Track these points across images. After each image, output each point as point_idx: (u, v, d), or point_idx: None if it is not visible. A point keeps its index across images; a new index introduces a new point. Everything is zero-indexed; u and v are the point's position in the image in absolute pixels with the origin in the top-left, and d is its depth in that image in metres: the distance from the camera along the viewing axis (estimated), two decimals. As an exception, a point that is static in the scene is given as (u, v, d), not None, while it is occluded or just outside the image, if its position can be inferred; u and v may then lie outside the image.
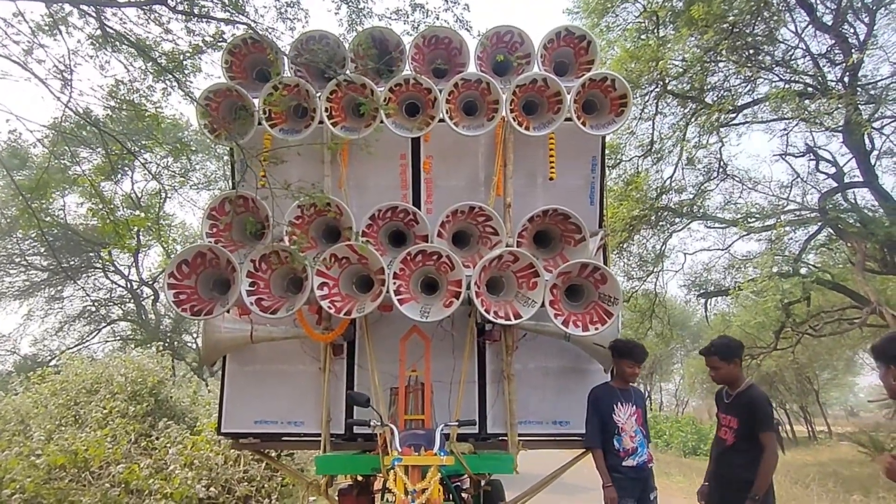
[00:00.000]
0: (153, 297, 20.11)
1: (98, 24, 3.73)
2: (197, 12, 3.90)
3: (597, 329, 3.49)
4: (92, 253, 18.31)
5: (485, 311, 3.44)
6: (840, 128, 10.57)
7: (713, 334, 18.72)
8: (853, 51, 9.96)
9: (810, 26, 10.70)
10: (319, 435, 3.94)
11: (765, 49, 11.06)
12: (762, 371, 20.21)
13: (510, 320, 3.47)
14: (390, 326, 4.05)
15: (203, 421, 7.85)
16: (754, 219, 12.65)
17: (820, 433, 24.75)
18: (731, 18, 10.07)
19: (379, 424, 3.37)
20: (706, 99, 11.83)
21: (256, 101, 3.90)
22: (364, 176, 4.21)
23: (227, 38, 3.98)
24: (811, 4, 10.27)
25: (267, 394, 4.16)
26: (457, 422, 3.54)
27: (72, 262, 17.85)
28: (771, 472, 3.27)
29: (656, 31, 11.20)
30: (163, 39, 4.01)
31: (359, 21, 4.38)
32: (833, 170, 12.14)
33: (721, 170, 13.03)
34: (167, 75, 3.95)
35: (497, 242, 3.75)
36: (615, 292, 3.53)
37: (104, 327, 20.49)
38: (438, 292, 3.64)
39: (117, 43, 3.98)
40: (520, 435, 3.91)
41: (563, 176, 4.12)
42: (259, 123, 3.90)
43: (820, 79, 10.76)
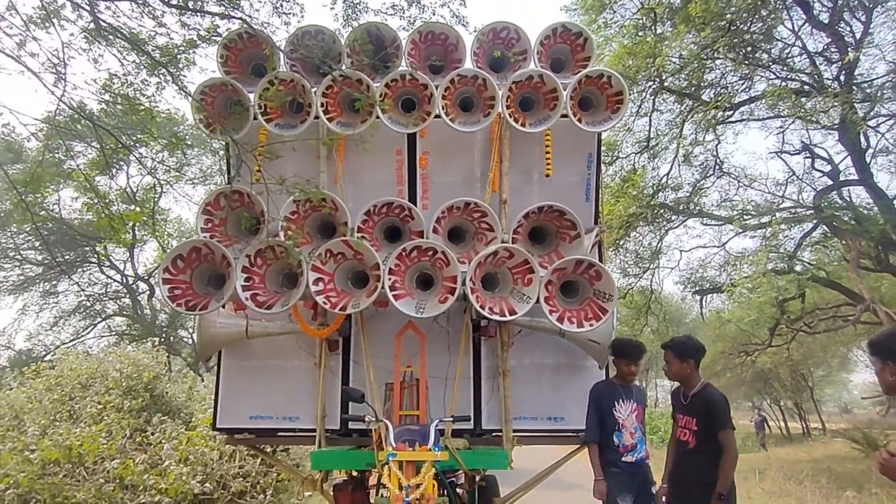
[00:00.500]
0: (149, 293, 20.06)
1: (91, 18, 3.69)
2: (191, 6, 3.88)
3: (591, 325, 3.50)
4: (87, 248, 18.23)
5: (480, 308, 3.44)
6: (836, 126, 10.60)
7: (709, 331, 18.88)
8: (849, 49, 9.98)
9: (807, 24, 10.71)
10: (314, 430, 3.95)
11: (762, 47, 11.07)
12: (757, 368, 20.32)
13: (505, 316, 3.47)
14: (386, 322, 4.06)
15: (199, 416, 7.84)
16: (750, 216, 12.69)
17: (814, 430, 24.91)
18: (729, 16, 10.07)
19: (374, 420, 3.38)
20: (703, 96, 11.84)
21: (252, 96, 3.88)
22: (360, 171, 4.20)
23: (222, 33, 3.96)
24: (808, 2, 10.27)
25: (262, 389, 4.17)
26: (451, 417, 3.55)
27: (67, 257, 17.78)
28: (732, 470, 3.35)
29: (654, 28, 11.19)
30: (157, 34, 3.98)
31: (354, 16, 4.35)
32: (829, 167, 12.19)
33: (717, 167, 13.05)
34: (161, 69, 3.93)
35: (492, 238, 3.75)
36: (610, 289, 3.54)
37: (99, 322, 20.44)
38: (434, 288, 3.64)
39: (111, 36, 3.95)
40: (514, 431, 3.93)
41: (559, 172, 4.11)
42: (255, 118, 3.88)
43: (816, 77, 10.79)
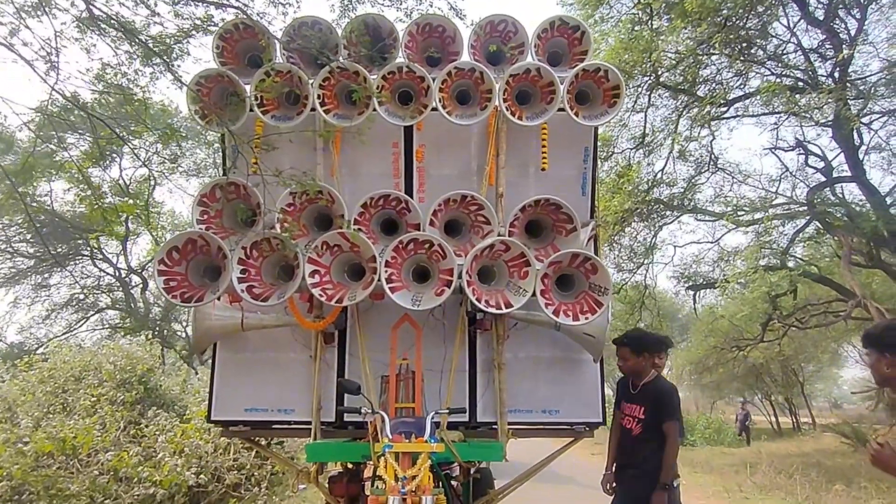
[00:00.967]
0: (142, 286, 19.97)
1: (84, 6, 3.66)
2: (186, -5, 3.85)
3: (587, 318, 3.50)
4: (80, 240, 18.12)
5: (476, 300, 3.45)
6: (830, 122, 10.66)
7: (701, 326, 19.00)
8: (843, 46, 10.02)
9: (802, 21, 10.75)
10: (310, 423, 3.94)
11: (757, 43, 11.09)
12: (749, 363, 20.47)
13: (501, 309, 3.48)
14: (381, 315, 4.05)
15: (193, 409, 7.83)
16: (743, 212, 12.76)
17: (804, 424, 25.16)
18: (725, 12, 10.08)
19: (370, 412, 3.39)
20: (698, 92, 11.86)
21: (248, 87, 3.86)
22: (356, 164, 4.19)
23: (217, 23, 3.93)
24: (804, -1, 10.32)
25: (257, 382, 4.15)
26: (447, 409, 3.56)
27: (59, 250, 17.67)
28: (674, 459, 3.47)
29: (650, 23, 11.19)
30: (151, 23, 3.95)
31: (351, 7, 4.34)
32: (822, 164, 12.25)
33: (712, 163, 13.10)
34: (155, 59, 3.90)
35: (489, 232, 3.74)
36: (606, 282, 3.54)
37: (92, 315, 20.34)
38: (430, 281, 3.64)
39: (104, 26, 3.91)
40: (509, 423, 3.93)
41: (556, 166, 4.10)
42: (251, 110, 3.86)
43: (811, 73, 10.83)
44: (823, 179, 12.08)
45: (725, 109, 12.08)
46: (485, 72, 3.84)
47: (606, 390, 5.19)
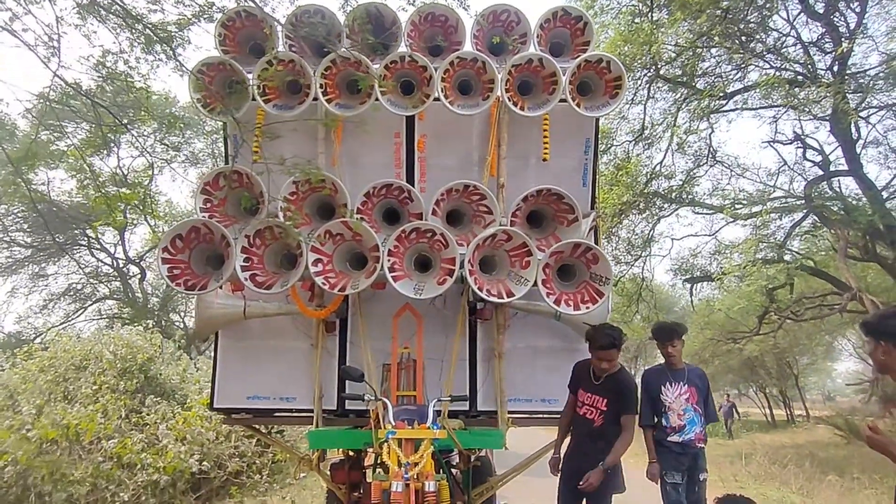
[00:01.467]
0: (140, 276, 19.94)
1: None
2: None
3: (588, 308, 3.54)
4: (77, 230, 18.07)
5: (478, 289, 3.48)
6: (828, 116, 10.68)
7: (698, 319, 19.08)
8: (843, 39, 10.02)
9: (802, 14, 10.74)
10: (311, 411, 3.98)
11: (757, 36, 11.09)
12: (744, 355, 20.61)
13: (503, 298, 3.51)
14: (383, 304, 4.08)
15: (193, 398, 7.87)
16: (741, 205, 12.80)
17: (798, 417, 25.37)
18: (725, 4, 10.06)
19: (372, 399, 3.42)
20: (697, 85, 11.86)
21: (250, 76, 3.85)
22: (358, 153, 4.19)
23: (220, 10, 3.92)
24: (804, -8, 10.30)
25: (260, 370, 4.18)
26: (449, 397, 3.59)
27: (57, 239, 17.62)
28: (624, 451, 3.51)
29: (650, 15, 11.16)
30: (151, 11, 3.93)
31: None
32: (820, 158, 12.29)
33: (710, 156, 13.13)
34: (156, 46, 3.89)
35: (491, 221, 3.77)
36: (606, 272, 3.57)
37: (90, 305, 20.32)
38: (432, 270, 3.66)
39: (104, 12, 3.90)
40: (509, 412, 3.98)
41: (557, 157, 4.12)
42: (253, 99, 3.86)
43: (810, 67, 10.83)
44: (821, 173, 12.12)
45: (724, 102, 12.08)
46: (487, 62, 3.84)
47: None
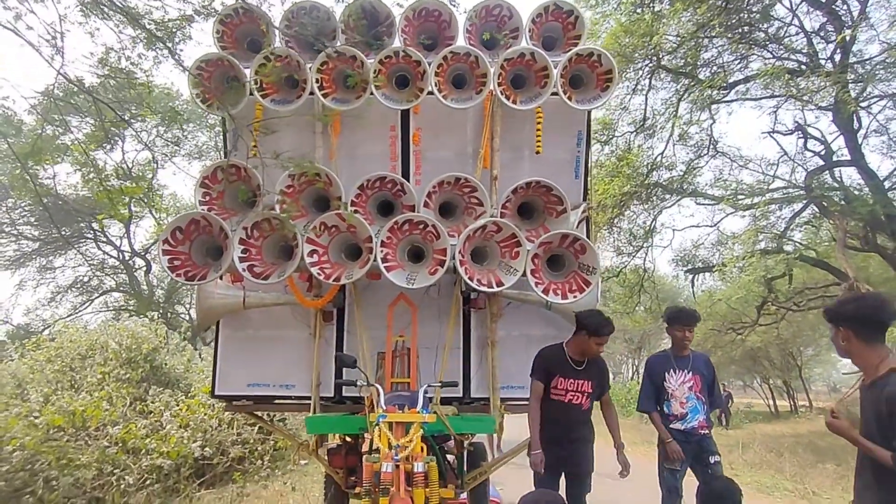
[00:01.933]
0: (145, 268, 20.15)
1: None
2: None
3: (575, 297, 3.62)
4: (83, 223, 18.26)
5: (469, 279, 3.57)
6: (830, 106, 10.65)
7: (700, 310, 19.02)
8: (845, 28, 9.98)
9: (804, 4, 10.69)
10: (309, 398, 4.09)
11: (758, 25, 11.03)
12: (747, 346, 20.63)
13: (492, 288, 3.60)
14: (378, 294, 4.18)
15: (197, 387, 8.03)
16: (743, 195, 12.80)
17: (801, 407, 25.42)
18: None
19: (365, 384, 3.53)
20: (699, 75, 11.83)
21: (248, 71, 3.93)
22: (355, 147, 4.27)
23: (218, 7, 4.00)
24: (806, -20, 10.25)
25: (259, 358, 4.29)
26: (439, 383, 3.69)
27: (63, 232, 17.82)
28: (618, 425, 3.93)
29: (651, 5, 11.13)
30: (152, 9, 4.01)
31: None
32: (821, 148, 12.26)
33: (711, 146, 13.12)
34: (157, 43, 3.97)
35: (482, 213, 3.84)
36: (594, 262, 3.65)
37: (96, 297, 20.58)
38: (424, 260, 3.75)
39: (106, 10, 3.99)
40: (502, 399, 4.07)
41: (550, 149, 4.18)
42: (251, 94, 3.94)
43: (812, 56, 10.79)
44: (822, 163, 12.09)
45: (727, 92, 12.05)
46: (480, 56, 3.90)
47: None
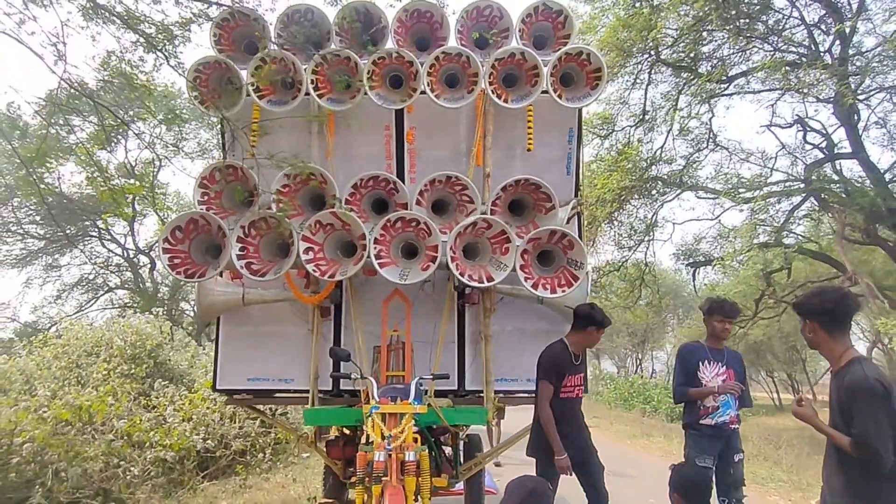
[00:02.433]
0: (150, 266, 20.36)
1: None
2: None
3: (564, 292, 3.71)
4: (88, 222, 18.46)
5: (460, 275, 3.66)
6: (831, 99, 10.65)
7: (701, 303, 19.09)
8: (844, 20, 9.97)
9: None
10: (308, 391, 4.20)
11: (758, 17, 11.03)
12: (750, 340, 20.63)
13: (483, 283, 3.69)
14: (374, 290, 4.28)
15: (201, 382, 8.17)
16: (743, 189, 12.81)
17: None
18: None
19: (359, 377, 3.64)
20: (699, 69, 11.84)
21: (245, 73, 4.03)
22: (350, 146, 4.36)
23: (214, 13, 4.09)
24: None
25: (259, 353, 4.40)
26: (431, 375, 3.80)
27: (68, 231, 18.02)
28: None
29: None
30: (151, 13, 4.11)
31: (343, -6, 4.44)
32: (821, 141, 12.25)
33: (711, 140, 13.14)
34: (157, 47, 4.07)
35: (473, 210, 3.93)
36: (581, 257, 3.73)
37: (102, 295, 20.81)
38: (417, 257, 3.84)
39: (107, 14, 4.09)
40: (496, 392, 4.17)
41: (541, 147, 4.26)
42: (247, 95, 4.03)
43: (812, 48, 10.78)
44: (822, 156, 12.10)
45: (726, 86, 12.06)
46: (471, 56, 3.97)
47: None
